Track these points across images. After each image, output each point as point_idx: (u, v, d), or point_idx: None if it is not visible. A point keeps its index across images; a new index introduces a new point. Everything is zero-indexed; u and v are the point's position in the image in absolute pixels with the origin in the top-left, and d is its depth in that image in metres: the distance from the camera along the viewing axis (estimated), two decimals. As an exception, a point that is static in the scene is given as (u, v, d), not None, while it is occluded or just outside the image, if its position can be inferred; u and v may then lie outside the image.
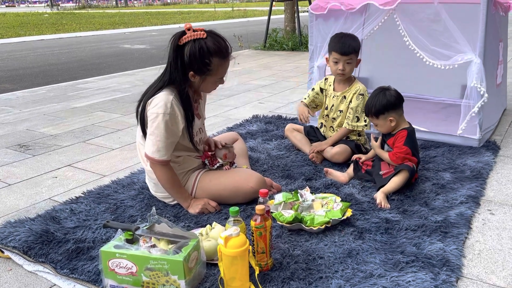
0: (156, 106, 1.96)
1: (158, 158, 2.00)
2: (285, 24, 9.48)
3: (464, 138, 2.91)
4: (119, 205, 2.20)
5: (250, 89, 5.12)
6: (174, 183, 2.08)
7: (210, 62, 1.94)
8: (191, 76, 1.99)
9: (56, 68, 7.73)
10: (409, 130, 2.34)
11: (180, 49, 1.95)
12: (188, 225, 1.99)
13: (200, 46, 1.92)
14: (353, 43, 2.61)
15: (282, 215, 1.90)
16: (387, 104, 2.31)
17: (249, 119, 3.70)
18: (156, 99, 1.97)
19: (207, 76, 1.99)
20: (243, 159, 2.55)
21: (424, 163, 2.64)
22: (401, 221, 1.96)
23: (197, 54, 1.92)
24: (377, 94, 2.35)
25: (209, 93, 2.13)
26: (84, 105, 4.47)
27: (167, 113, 1.95)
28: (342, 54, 2.59)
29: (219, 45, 1.95)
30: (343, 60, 2.61)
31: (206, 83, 2.03)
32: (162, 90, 2.00)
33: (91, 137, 3.40)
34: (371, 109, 2.35)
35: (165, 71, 2.03)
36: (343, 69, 2.62)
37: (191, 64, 1.95)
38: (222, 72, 2.02)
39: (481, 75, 2.71)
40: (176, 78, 1.99)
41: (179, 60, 1.96)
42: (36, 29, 17.11)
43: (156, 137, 1.98)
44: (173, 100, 1.97)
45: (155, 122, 1.97)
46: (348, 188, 2.33)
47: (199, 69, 1.96)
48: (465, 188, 2.28)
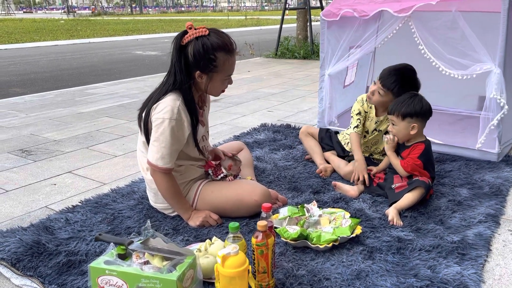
0: (162, 112, 1.86)
1: (162, 166, 1.90)
2: (297, 32, 9.40)
3: (482, 152, 2.77)
4: (117, 215, 2.10)
5: (260, 97, 5.02)
6: (175, 193, 1.98)
7: (216, 58, 1.85)
8: (197, 76, 1.89)
9: (67, 73, 7.74)
10: (426, 144, 2.22)
11: (183, 49, 1.87)
12: (187, 239, 1.88)
13: (204, 43, 1.84)
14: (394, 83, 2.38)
15: (287, 231, 1.78)
16: (421, 111, 2.19)
17: (257, 128, 3.60)
18: (162, 104, 1.88)
19: (214, 74, 1.89)
20: (248, 169, 2.44)
21: (440, 177, 2.50)
22: (414, 241, 1.82)
23: (201, 50, 1.83)
24: (413, 97, 2.23)
25: (218, 95, 2.02)
26: (90, 111, 4.41)
27: (173, 118, 1.85)
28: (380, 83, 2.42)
29: (223, 40, 1.87)
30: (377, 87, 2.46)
31: (214, 82, 1.92)
32: (167, 95, 1.91)
33: (94, 143, 3.32)
34: (401, 108, 2.21)
35: (169, 73, 1.94)
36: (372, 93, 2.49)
37: (196, 62, 1.85)
38: (229, 68, 1.91)
39: (501, 86, 2.57)
40: (181, 80, 1.89)
41: (183, 60, 1.87)
42: (51, 34, 17.31)
43: (161, 143, 1.88)
44: (180, 106, 1.88)
45: (161, 127, 1.87)
46: (358, 203, 2.20)
47: (205, 66, 1.86)
48: (483, 206, 2.14)
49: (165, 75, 1.96)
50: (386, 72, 2.41)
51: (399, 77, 2.36)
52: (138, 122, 2.00)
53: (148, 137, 1.96)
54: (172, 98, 1.88)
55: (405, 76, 2.38)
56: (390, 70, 2.42)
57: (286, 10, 9.07)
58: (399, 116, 2.21)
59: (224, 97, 5.02)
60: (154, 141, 1.90)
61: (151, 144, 1.92)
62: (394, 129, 2.25)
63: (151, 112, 1.92)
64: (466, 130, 3.35)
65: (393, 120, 2.25)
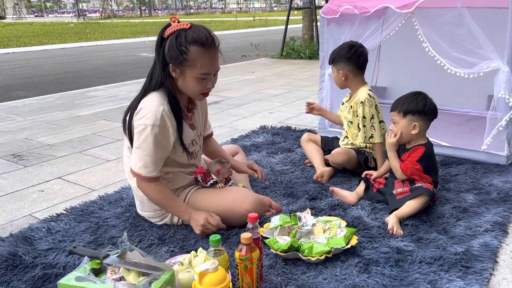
0: (145, 117, 1.76)
1: (145, 175, 1.80)
2: (303, 32, 9.27)
3: (490, 154, 2.62)
4: (101, 224, 2.00)
5: (261, 98, 4.91)
6: (166, 198, 1.87)
7: (187, 50, 1.71)
8: (171, 70, 1.78)
9: (71, 76, 7.70)
10: (427, 147, 2.08)
11: (164, 42, 1.77)
12: (173, 250, 1.77)
13: (179, 34, 1.73)
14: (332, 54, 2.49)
15: (277, 242, 1.67)
16: (423, 109, 2.06)
17: (256, 130, 3.48)
18: (145, 109, 1.77)
19: (186, 69, 1.75)
20: (242, 174, 2.33)
21: (444, 182, 2.36)
22: (414, 252, 1.70)
23: (173, 42, 1.73)
24: (417, 94, 2.10)
25: (198, 99, 1.89)
26: (88, 114, 4.34)
27: (156, 125, 1.75)
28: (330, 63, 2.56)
29: (200, 34, 1.73)
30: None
31: (186, 79, 1.77)
32: (149, 93, 1.80)
33: (88, 147, 3.23)
34: (403, 105, 2.08)
35: (151, 69, 1.84)
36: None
37: (169, 54, 1.74)
38: (203, 65, 1.74)
39: (510, 85, 2.43)
40: (159, 76, 1.79)
41: (162, 53, 1.77)
42: (60, 38, 17.37)
43: (144, 151, 1.78)
44: (164, 111, 1.77)
45: (143, 134, 1.76)
46: (356, 210, 2.08)
47: (176, 59, 1.73)
48: (490, 213, 2.00)
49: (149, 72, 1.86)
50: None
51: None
52: (123, 126, 1.90)
53: (132, 143, 1.86)
54: (156, 103, 1.77)
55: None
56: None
57: (292, 10, 8.95)
58: (400, 113, 2.08)
59: (225, 98, 4.92)
60: (136, 149, 1.80)
61: (133, 152, 1.82)
62: (395, 127, 2.13)
63: (134, 117, 1.82)
64: (473, 131, 3.21)
65: (394, 117, 2.12)
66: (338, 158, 2.42)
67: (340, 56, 2.43)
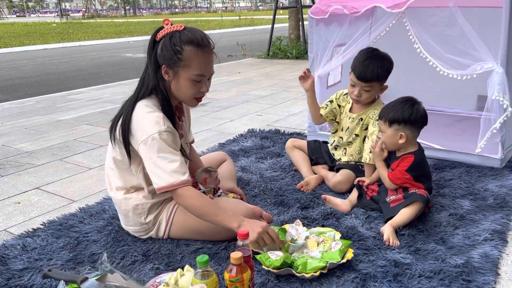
0: (146, 131, 1.62)
1: (179, 181, 1.59)
2: (289, 32, 9.19)
3: (483, 157, 2.57)
4: (81, 239, 1.88)
5: (249, 100, 4.81)
6: (210, 204, 1.65)
7: (182, 50, 1.62)
8: (164, 72, 1.68)
9: (53, 77, 7.51)
10: (416, 155, 2.00)
11: (156, 45, 1.68)
12: (158, 267, 1.67)
13: (173, 35, 1.64)
14: (379, 69, 2.16)
15: (268, 257, 1.57)
16: (409, 118, 1.97)
17: (244, 134, 3.38)
18: (141, 124, 1.64)
19: (180, 69, 1.65)
20: (231, 182, 2.23)
21: (439, 187, 2.29)
22: (413, 265, 1.62)
23: (167, 42, 1.64)
24: (404, 102, 2.01)
25: (192, 104, 1.78)
26: (70, 118, 4.19)
27: (162, 130, 1.62)
28: (360, 79, 2.20)
29: (195, 34, 1.65)
30: (360, 86, 2.22)
31: (180, 81, 1.67)
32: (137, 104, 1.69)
33: (69, 154, 3.10)
34: (388, 113, 2.00)
35: (143, 74, 1.74)
36: (358, 95, 2.25)
37: (162, 55, 1.65)
38: (198, 66, 1.65)
39: (504, 86, 2.37)
40: (151, 79, 1.69)
41: (154, 56, 1.68)
42: (42, 38, 17.03)
43: (163, 161, 1.61)
44: (163, 116, 1.66)
45: (154, 147, 1.61)
46: (350, 219, 1.99)
47: (169, 59, 1.64)
48: (488, 221, 1.93)
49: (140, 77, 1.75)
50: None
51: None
52: (110, 135, 1.77)
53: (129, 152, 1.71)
54: (149, 111, 1.65)
55: None
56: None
57: (278, 9, 8.87)
58: (386, 122, 2.00)
59: (211, 100, 4.81)
60: (154, 164, 1.62)
61: (152, 173, 1.64)
62: (382, 136, 2.05)
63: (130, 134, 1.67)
64: (465, 132, 3.16)
65: (381, 126, 2.05)
66: (342, 188, 2.26)
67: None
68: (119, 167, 1.78)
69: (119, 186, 1.80)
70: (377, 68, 2.16)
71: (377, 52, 2.23)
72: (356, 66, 2.21)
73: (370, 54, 2.21)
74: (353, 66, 2.23)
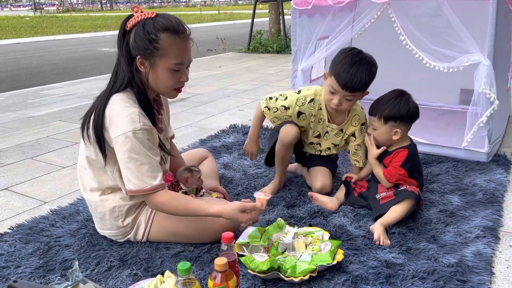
0: (121, 127, 1.50)
1: (151, 186, 1.52)
2: (269, 26, 9.09)
3: (470, 151, 2.53)
4: (53, 244, 1.75)
5: (230, 94, 4.69)
6: (188, 207, 1.58)
7: (157, 38, 1.50)
8: (139, 63, 1.55)
9: (25, 72, 7.23)
10: (410, 149, 1.94)
11: (126, 35, 1.55)
12: (136, 273, 1.55)
13: (146, 23, 1.52)
14: (367, 78, 1.86)
15: (254, 260, 1.48)
16: (406, 114, 1.90)
17: (226, 130, 3.28)
18: (115, 119, 1.51)
19: (157, 59, 1.53)
20: (213, 181, 2.12)
21: (427, 182, 2.24)
22: (405, 265, 1.55)
23: (140, 31, 1.51)
24: (398, 97, 1.91)
25: (171, 96, 1.66)
26: (42, 114, 4.00)
27: (137, 128, 1.50)
28: (346, 88, 1.87)
29: (169, 21, 1.53)
30: (343, 95, 1.91)
31: (158, 72, 1.55)
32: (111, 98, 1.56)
33: (41, 152, 2.93)
34: (384, 110, 1.90)
35: (114, 67, 1.61)
36: (338, 104, 1.93)
37: (136, 46, 1.52)
38: (177, 53, 1.54)
39: (491, 79, 2.33)
40: (124, 72, 1.56)
41: (125, 47, 1.55)
42: (14, 32, 16.46)
43: (136, 162, 1.51)
44: (139, 111, 1.53)
45: (126, 145, 1.50)
46: (338, 217, 1.91)
47: (144, 49, 1.52)
48: (479, 217, 1.88)
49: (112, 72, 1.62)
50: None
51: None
52: (82, 132, 1.63)
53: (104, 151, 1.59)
54: (125, 105, 1.53)
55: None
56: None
57: (257, 3, 8.75)
58: (381, 119, 1.92)
59: (191, 95, 4.67)
60: (127, 164, 1.52)
61: (124, 172, 1.54)
62: (375, 133, 1.97)
63: (104, 129, 1.55)
64: (449, 126, 3.13)
65: (375, 123, 1.95)
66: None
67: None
68: (93, 167, 1.65)
69: (94, 187, 1.68)
70: (366, 76, 1.85)
71: (363, 56, 1.89)
72: (339, 73, 1.85)
73: (356, 58, 1.87)
74: (335, 72, 1.87)
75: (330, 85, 1.91)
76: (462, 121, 3.04)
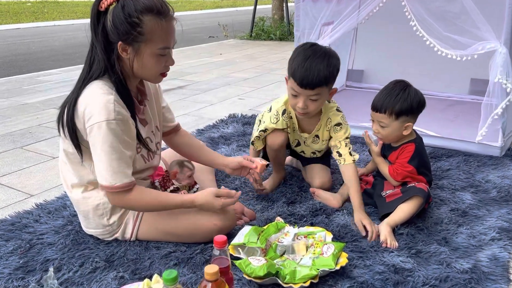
0: (94, 116, 1.38)
1: (120, 184, 1.42)
2: (272, 12, 8.89)
3: (482, 145, 2.39)
4: (35, 242, 1.63)
5: (230, 82, 4.54)
6: (159, 199, 1.52)
7: (141, 22, 1.36)
8: (121, 50, 1.40)
9: (23, 58, 7.07)
10: (417, 143, 1.79)
11: (101, 17, 1.39)
12: (122, 276, 1.44)
13: (125, 4, 1.36)
14: (325, 70, 1.65)
15: (249, 264, 1.35)
16: (418, 106, 1.74)
17: (225, 119, 3.14)
18: (90, 106, 1.39)
19: (142, 45, 1.39)
20: (209, 175, 2.00)
21: (437, 178, 2.10)
22: (415, 270, 1.42)
23: (119, 14, 1.36)
24: (405, 88, 1.74)
25: (156, 81, 1.54)
26: (37, 101, 3.87)
27: (111, 118, 1.38)
28: (304, 86, 1.66)
29: (152, 0, 1.38)
30: (305, 95, 1.69)
31: (143, 58, 1.41)
32: (89, 84, 1.43)
33: (32, 141, 2.81)
34: (395, 105, 1.70)
35: (89, 54, 1.46)
36: (304, 107, 1.72)
37: (116, 31, 1.37)
38: (162, 37, 1.40)
39: (508, 68, 2.18)
40: (103, 60, 1.41)
41: (102, 31, 1.39)
42: (14, 17, 16.24)
43: (107, 155, 1.40)
44: (115, 100, 1.40)
45: (99, 136, 1.38)
46: (341, 215, 1.79)
47: (127, 34, 1.37)
48: (493, 217, 1.75)
49: (86, 58, 1.48)
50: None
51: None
52: (58, 126, 1.51)
53: (78, 145, 1.47)
54: (101, 93, 1.40)
55: None
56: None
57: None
58: (392, 115, 1.73)
59: (190, 83, 4.53)
60: (98, 156, 1.41)
61: (96, 164, 1.43)
62: (383, 131, 1.78)
63: (76, 118, 1.43)
64: (458, 118, 2.98)
65: (384, 120, 1.75)
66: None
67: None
68: (71, 161, 1.53)
69: (75, 183, 1.55)
70: (324, 68, 1.64)
71: (317, 48, 1.70)
72: (295, 69, 1.67)
73: (309, 51, 1.68)
74: (291, 70, 1.69)
75: (291, 88, 1.72)
76: (472, 112, 2.91)
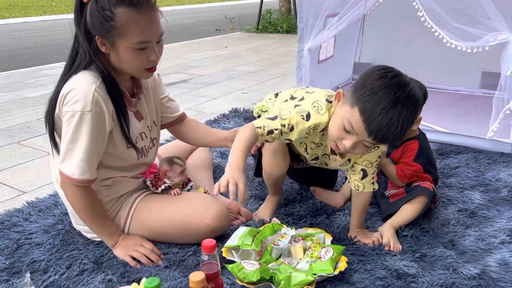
0: (72, 102, 1.33)
1: (78, 177, 1.37)
2: (279, 5, 8.77)
3: (493, 141, 2.28)
4: (23, 242, 1.57)
5: (235, 76, 4.46)
6: (95, 212, 1.46)
7: (113, 15, 1.28)
8: (100, 44, 1.34)
9: (28, 52, 7.05)
10: (420, 140, 1.69)
11: (84, 8, 1.32)
12: (110, 279, 1.37)
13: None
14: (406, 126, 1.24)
15: (242, 268, 1.28)
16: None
17: (227, 114, 3.06)
18: (73, 91, 1.33)
19: (116, 39, 1.32)
20: (205, 172, 1.92)
21: (444, 176, 2.01)
22: (419, 276, 1.34)
23: (94, 7, 1.29)
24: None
25: (143, 76, 1.45)
26: (37, 95, 3.82)
27: (87, 110, 1.32)
28: (373, 137, 1.24)
29: None
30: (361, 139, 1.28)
31: (120, 53, 1.34)
32: (76, 75, 1.36)
33: (29, 136, 2.76)
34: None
35: (72, 46, 1.40)
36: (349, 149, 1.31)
37: (93, 24, 1.30)
38: (137, 32, 1.31)
39: (521, 61, 2.07)
40: (85, 51, 1.35)
41: (83, 24, 1.33)
42: (23, 11, 16.30)
43: (75, 145, 1.35)
44: (96, 91, 1.33)
45: (72, 124, 1.33)
46: (343, 216, 1.70)
47: (101, 28, 1.30)
48: (503, 218, 1.66)
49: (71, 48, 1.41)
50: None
51: None
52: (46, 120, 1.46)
53: (53, 136, 1.44)
54: (86, 81, 1.34)
55: None
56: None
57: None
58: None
59: (194, 76, 4.45)
60: (66, 143, 1.36)
61: (62, 148, 1.39)
62: None
63: (57, 104, 1.38)
64: (469, 113, 2.87)
65: None
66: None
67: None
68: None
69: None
70: (407, 123, 1.24)
71: (409, 90, 1.25)
72: (371, 114, 1.21)
73: (401, 95, 1.22)
74: (364, 108, 1.22)
75: (347, 120, 1.26)
76: (483, 107, 2.80)
